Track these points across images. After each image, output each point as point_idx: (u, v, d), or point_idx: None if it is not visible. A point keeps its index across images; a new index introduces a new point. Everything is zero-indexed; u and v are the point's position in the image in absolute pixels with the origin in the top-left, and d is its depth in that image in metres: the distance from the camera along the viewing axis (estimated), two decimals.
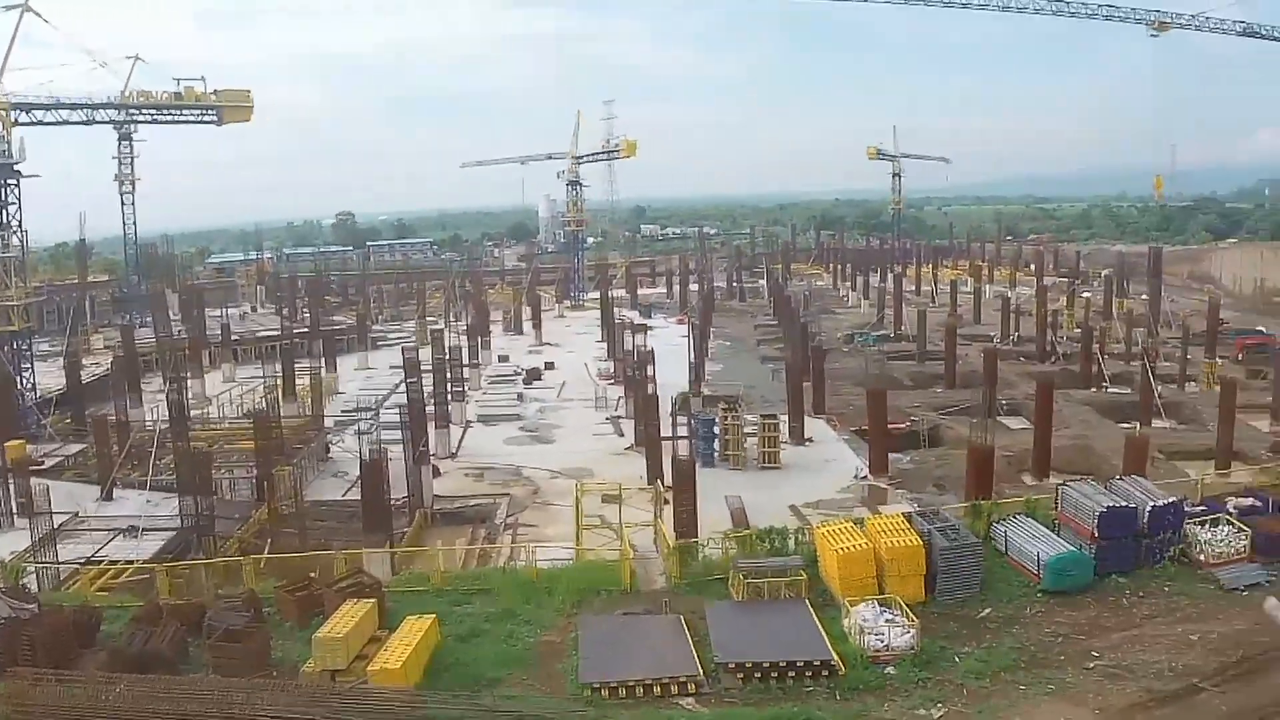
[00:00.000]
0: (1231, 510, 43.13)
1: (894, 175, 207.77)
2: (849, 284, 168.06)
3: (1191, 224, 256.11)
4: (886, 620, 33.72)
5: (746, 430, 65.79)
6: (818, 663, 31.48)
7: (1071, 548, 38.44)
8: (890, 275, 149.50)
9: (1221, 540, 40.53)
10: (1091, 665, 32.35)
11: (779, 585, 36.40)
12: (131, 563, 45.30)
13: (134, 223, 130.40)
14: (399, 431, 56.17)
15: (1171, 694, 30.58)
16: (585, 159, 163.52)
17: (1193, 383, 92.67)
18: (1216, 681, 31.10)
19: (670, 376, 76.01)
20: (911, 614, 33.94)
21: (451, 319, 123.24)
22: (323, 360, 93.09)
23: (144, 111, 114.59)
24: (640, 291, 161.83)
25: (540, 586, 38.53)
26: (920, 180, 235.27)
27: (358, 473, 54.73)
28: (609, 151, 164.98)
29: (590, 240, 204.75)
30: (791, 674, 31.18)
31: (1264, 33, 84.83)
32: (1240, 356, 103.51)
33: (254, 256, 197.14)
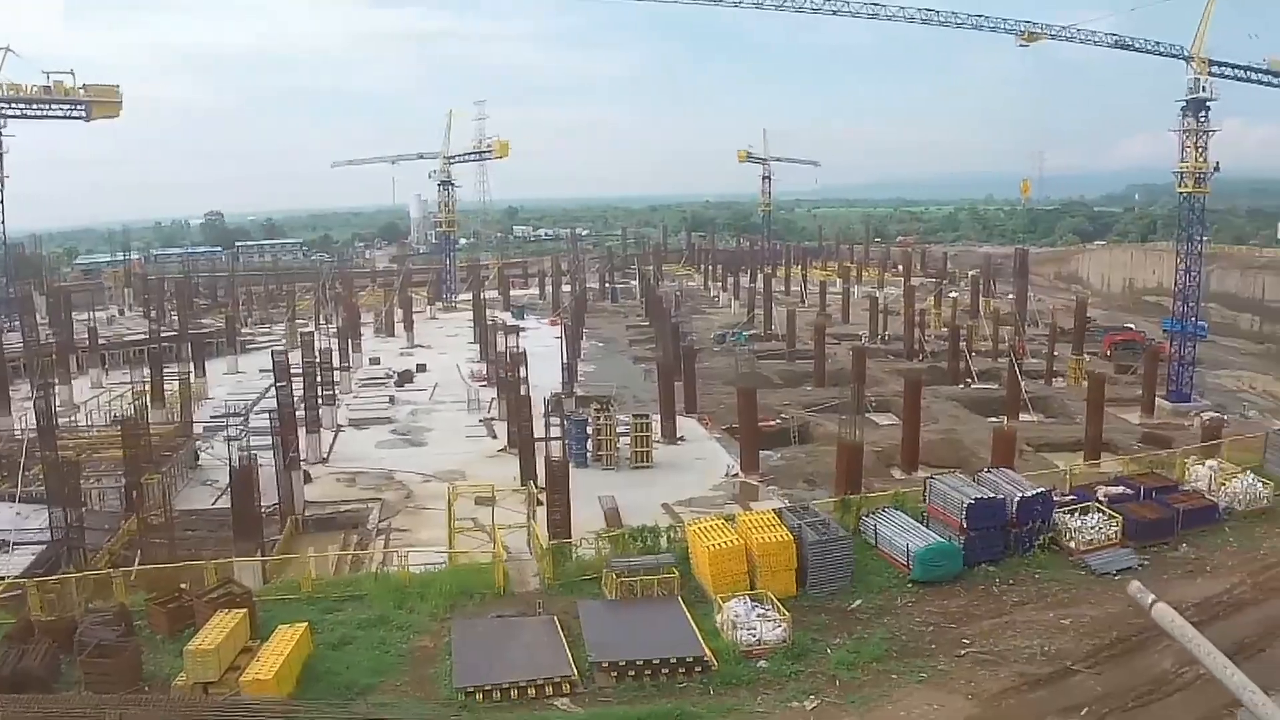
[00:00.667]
0: (1101, 498, 44.43)
1: (764, 178, 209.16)
2: (720, 284, 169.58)
3: (1059, 226, 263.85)
4: (758, 615, 33.96)
5: (619, 430, 66.05)
6: (691, 659, 31.60)
7: (940, 539, 39.17)
8: (760, 276, 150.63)
9: (1092, 528, 41.75)
10: (963, 652, 32.95)
11: (652, 583, 36.47)
12: (2, 578, 44.22)
13: (1, 222, 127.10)
14: (269, 437, 55.53)
15: (1044, 677, 31.27)
16: (457, 159, 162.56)
17: (1060, 378, 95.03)
18: (1090, 664, 31.89)
19: (543, 378, 75.99)
20: (783, 608, 34.20)
21: (322, 321, 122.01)
22: (191, 365, 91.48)
23: (13, 106, 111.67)
24: (513, 293, 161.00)
25: (413, 591, 38.13)
26: (790, 183, 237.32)
27: (228, 480, 53.75)
28: (481, 152, 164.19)
29: (462, 241, 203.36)
30: (665, 671, 31.25)
31: (1135, 44, 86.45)
32: (1109, 353, 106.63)
33: (122, 258, 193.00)
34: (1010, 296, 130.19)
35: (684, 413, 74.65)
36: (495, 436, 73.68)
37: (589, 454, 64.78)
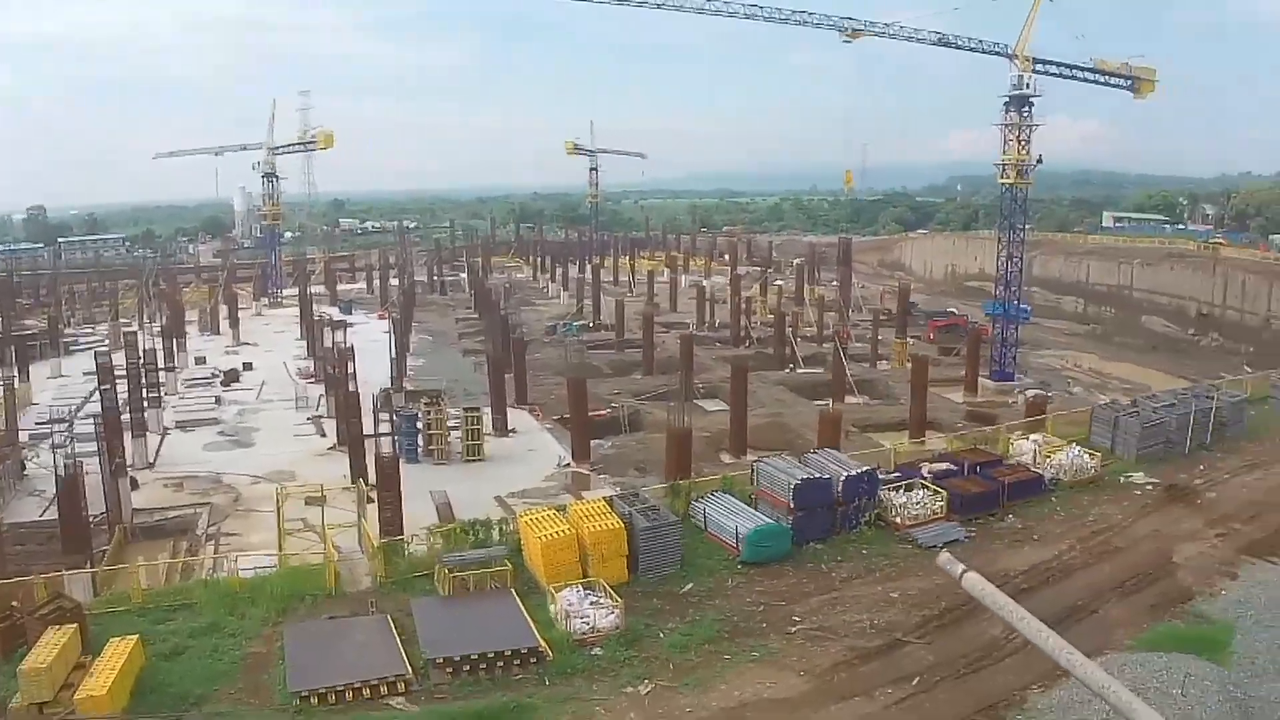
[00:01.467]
0: (926, 475, 46.01)
1: (592, 170, 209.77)
2: (549, 276, 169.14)
3: (882, 216, 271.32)
4: (591, 603, 34.26)
5: (450, 424, 65.82)
6: (525, 650, 31.73)
7: (769, 520, 39.97)
8: (589, 267, 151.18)
9: (917, 503, 43.41)
10: (794, 630, 33.71)
11: (485, 577, 36.53)
12: None
13: None
14: (95, 443, 54.17)
15: (875, 650, 32.24)
16: (281, 150, 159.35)
17: (885, 361, 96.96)
18: (919, 634, 32.99)
19: (372, 373, 75.03)
20: (615, 595, 34.58)
21: (145, 320, 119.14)
22: (15, 369, 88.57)
23: None
24: (340, 287, 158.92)
25: (244, 597, 37.47)
26: (618, 175, 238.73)
27: (55, 490, 52.21)
28: (305, 143, 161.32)
29: (288, 235, 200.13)
30: (500, 664, 31.33)
31: (958, 42, 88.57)
32: (933, 336, 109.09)
33: None
34: (834, 284, 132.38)
35: (515, 405, 74.60)
36: (325, 435, 72.82)
37: (420, 449, 64.48)
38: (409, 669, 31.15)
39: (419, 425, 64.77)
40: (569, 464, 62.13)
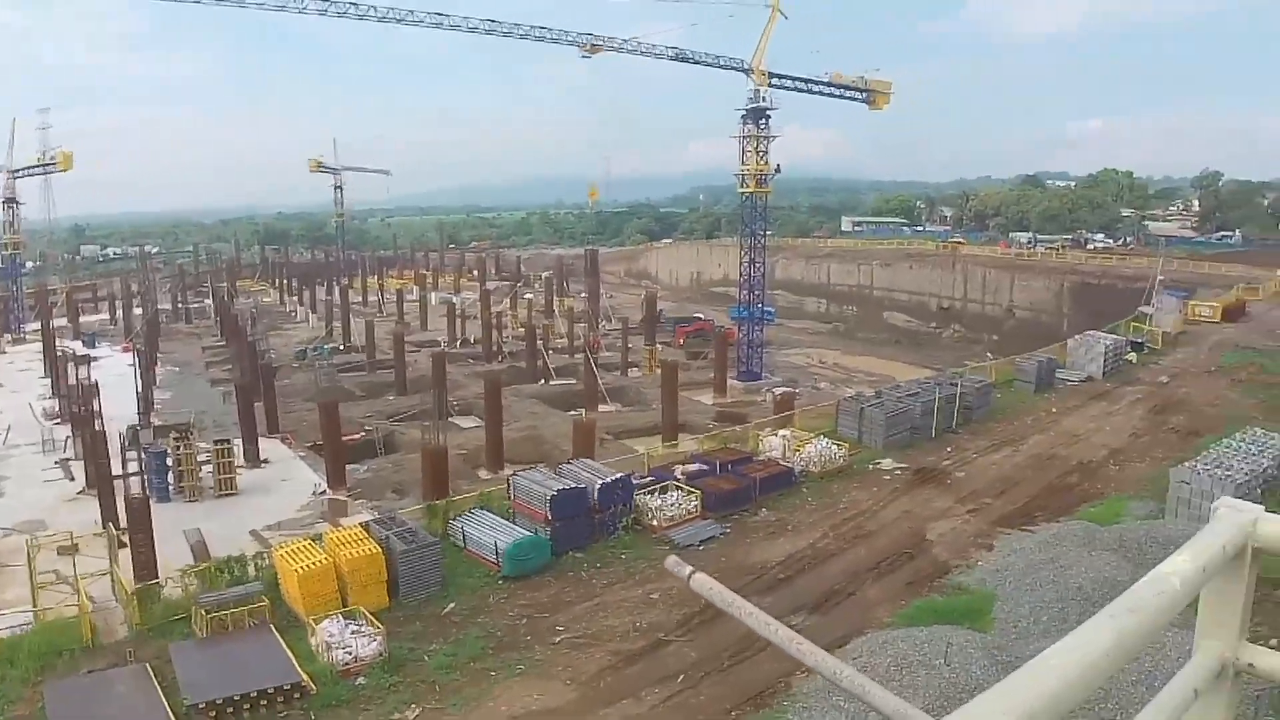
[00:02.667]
0: (679, 476, 46.69)
1: (336, 188, 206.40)
2: (296, 299, 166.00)
3: (627, 227, 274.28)
4: (352, 632, 33.56)
5: (200, 459, 63.98)
6: (287, 686, 30.89)
7: (528, 533, 39.88)
8: (337, 288, 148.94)
9: (672, 504, 43.93)
10: (558, 639, 33.59)
11: (243, 614, 35.62)
12: None
13: None
14: None
15: (639, 651, 32.38)
16: (21, 173, 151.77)
17: (636, 369, 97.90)
18: (682, 632, 33.20)
19: (120, 409, 72.59)
20: (377, 621, 33.93)
21: None
22: None
23: None
24: (83, 319, 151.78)
25: (1, 658, 36.05)
26: (364, 192, 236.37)
27: None
28: (45, 165, 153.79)
29: (29, 265, 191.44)
30: (264, 702, 30.43)
31: (695, 58, 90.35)
32: (681, 342, 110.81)
33: None
34: (583, 295, 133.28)
35: (266, 434, 73.00)
36: (73, 478, 69.75)
37: (171, 487, 62.54)
38: (171, 716, 30.11)
39: (168, 462, 62.74)
40: (324, 491, 61.02)
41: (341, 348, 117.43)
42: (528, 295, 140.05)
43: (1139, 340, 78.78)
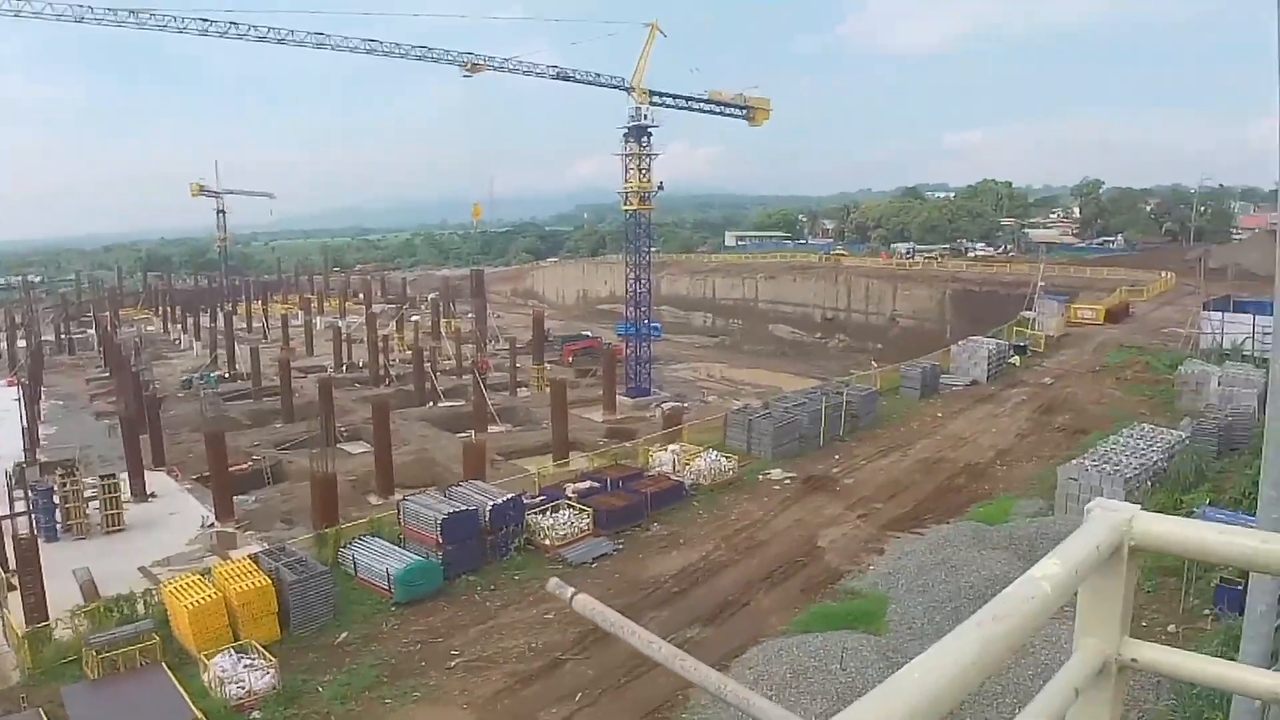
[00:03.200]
0: (571, 495, 46.82)
1: (219, 212, 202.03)
2: (180, 327, 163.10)
3: (513, 247, 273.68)
4: (245, 666, 33.05)
5: (87, 495, 62.64)
6: None
7: (419, 557, 39.55)
8: (221, 314, 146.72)
9: (564, 523, 44.04)
10: (453, 664, 33.39)
11: (134, 654, 34.94)
12: None
13: None
14: None
15: (536, 672, 32.34)
16: None
17: (524, 388, 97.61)
18: (578, 651, 33.20)
19: (4, 447, 71.02)
20: (269, 654, 33.44)
21: None
22: None
23: None
24: None
25: None
26: (247, 216, 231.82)
27: None
28: None
29: None
30: None
31: (576, 76, 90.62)
32: (570, 360, 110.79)
33: None
34: (470, 316, 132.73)
35: (153, 466, 71.66)
36: None
37: (59, 525, 61.13)
38: None
39: (55, 500, 61.30)
40: (213, 524, 59.98)
41: (227, 376, 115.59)
42: (414, 317, 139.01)
43: (1022, 344, 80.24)
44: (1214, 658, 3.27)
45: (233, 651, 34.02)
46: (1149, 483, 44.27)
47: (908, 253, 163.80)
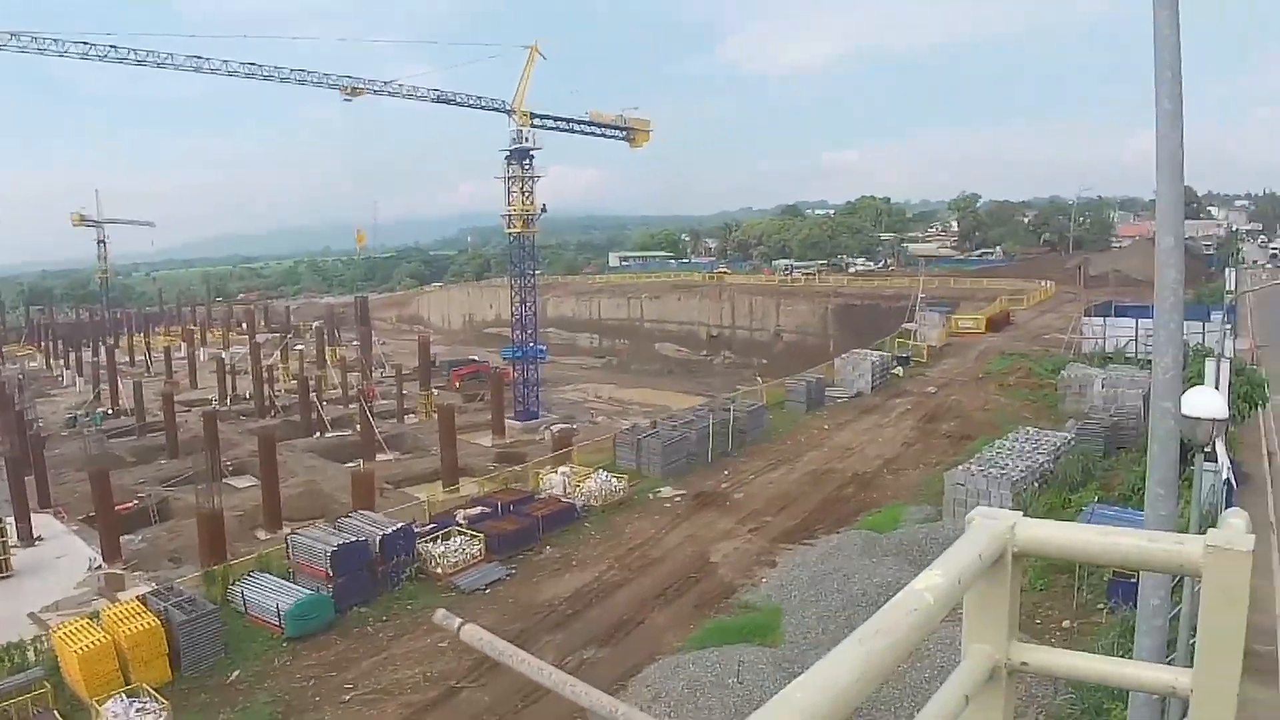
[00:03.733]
0: (461, 521, 46.47)
1: (99, 242, 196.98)
2: (63, 362, 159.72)
3: (397, 272, 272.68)
4: (138, 710, 32.40)
5: None
6: None
7: (309, 591, 39.05)
8: (104, 348, 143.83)
9: (456, 550, 43.82)
10: (348, 698, 33.04)
11: (25, 703, 34.16)
12: None
13: None
14: None
15: (431, 701, 32.10)
16: None
17: (412, 415, 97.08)
18: (473, 678, 32.93)
19: None
20: (161, 697, 32.83)
21: None
22: None
23: None
24: None
25: None
26: (128, 246, 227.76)
27: None
28: None
29: None
30: None
31: (457, 99, 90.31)
32: (457, 385, 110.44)
33: None
34: (355, 343, 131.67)
35: (39, 508, 70.12)
36: None
37: None
38: None
39: None
40: (100, 565, 58.83)
41: (110, 412, 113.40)
42: (299, 346, 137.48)
43: (905, 355, 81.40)
44: (1106, 656, 3.36)
45: (124, 696, 33.33)
46: (1036, 484, 45.04)
47: (786, 269, 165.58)
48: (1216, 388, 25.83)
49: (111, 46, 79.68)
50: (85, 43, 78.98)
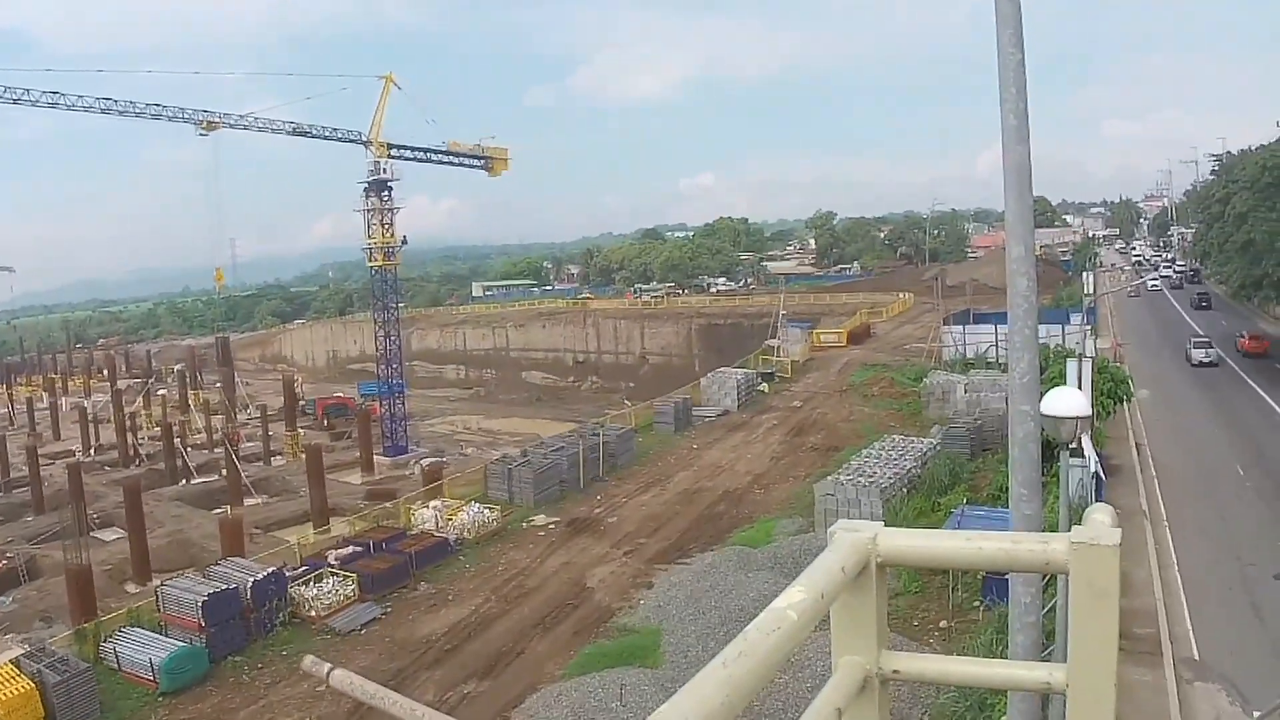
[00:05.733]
0: (333, 562, 45.84)
1: None
2: None
3: (259, 310, 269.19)
4: None
5: None
6: None
7: (182, 643, 38.21)
8: None
9: (329, 591, 43.05)
10: None
11: None
12: None
13: None
14: None
15: None
16: None
17: (279, 456, 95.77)
18: None
19: None
20: None
21: None
22: None
23: None
24: None
25: None
26: None
27: None
28: None
29: None
30: None
31: (313, 131, 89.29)
32: (324, 418, 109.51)
33: None
34: (218, 385, 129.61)
35: None
36: None
37: None
38: None
39: None
40: None
41: None
42: (161, 391, 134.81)
43: (769, 371, 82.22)
44: (977, 658, 3.43)
45: None
46: (905, 490, 45.85)
47: (636, 293, 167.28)
48: (1079, 387, 26.43)
49: None
50: None
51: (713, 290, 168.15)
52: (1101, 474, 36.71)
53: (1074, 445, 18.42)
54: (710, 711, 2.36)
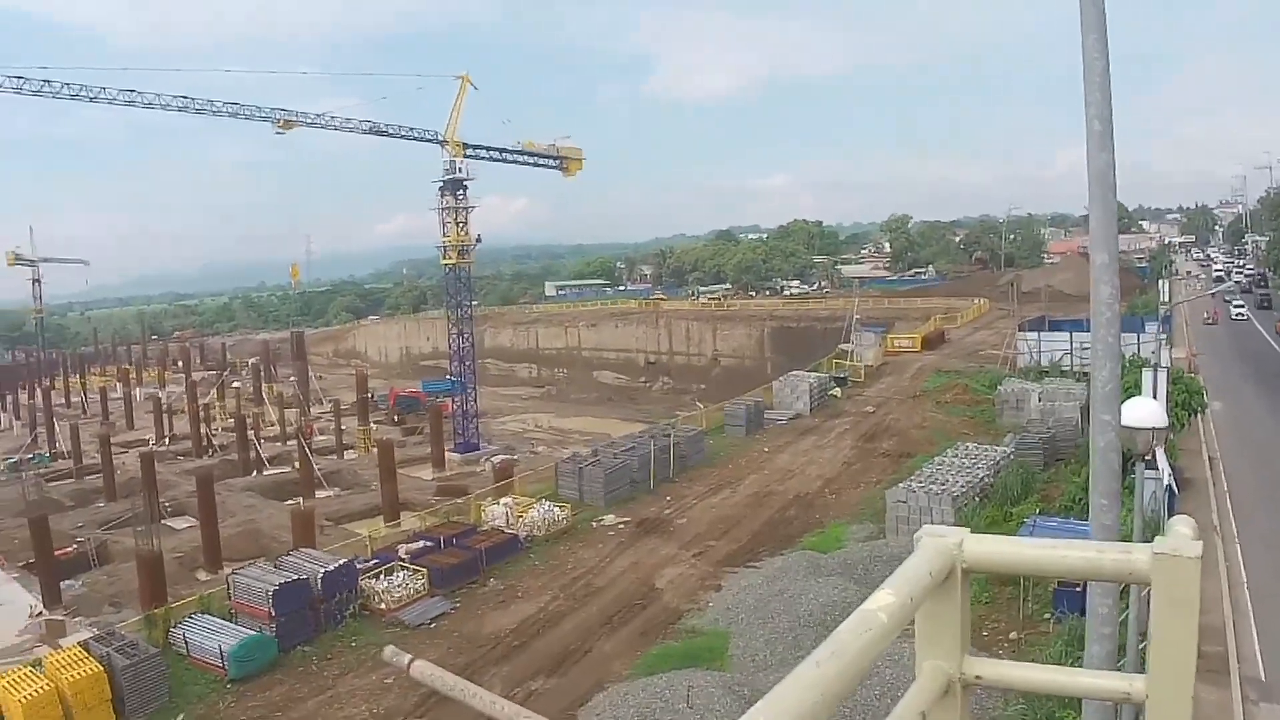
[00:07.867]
0: (404, 556, 46.10)
1: (34, 281, 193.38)
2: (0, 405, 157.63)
3: (332, 306, 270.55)
4: None
5: None
6: None
7: (252, 632, 38.58)
8: (40, 390, 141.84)
9: (399, 585, 43.32)
10: None
11: None
12: None
13: None
14: None
15: None
16: None
17: (351, 450, 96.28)
18: (419, 714, 32.74)
19: None
20: None
21: None
22: None
23: None
24: None
25: None
26: (62, 286, 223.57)
27: None
28: None
29: None
30: None
31: (390, 130, 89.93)
32: (396, 411, 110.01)
33: None
34: (292, 379, 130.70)
35: None
36: None
37: None
38: None
39: None
40: (41, 612, 58.00)
41: (48, 455, 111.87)
42: (235, 384, 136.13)
43: (842, 375, 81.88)
44: (1057, 666, 3.40)
45: None
46: (977, 498, 45.44)
47: (694, 295, 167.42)
48: (1155, 397, 26.16)
49: (45, 81, 78.54)
50: (20, 77, 77.55)
51: (786, 292, 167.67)
52: (1174, 487, 36.28)
53: (1149, 457, 18.15)
54: (805, 710, 2.34)
